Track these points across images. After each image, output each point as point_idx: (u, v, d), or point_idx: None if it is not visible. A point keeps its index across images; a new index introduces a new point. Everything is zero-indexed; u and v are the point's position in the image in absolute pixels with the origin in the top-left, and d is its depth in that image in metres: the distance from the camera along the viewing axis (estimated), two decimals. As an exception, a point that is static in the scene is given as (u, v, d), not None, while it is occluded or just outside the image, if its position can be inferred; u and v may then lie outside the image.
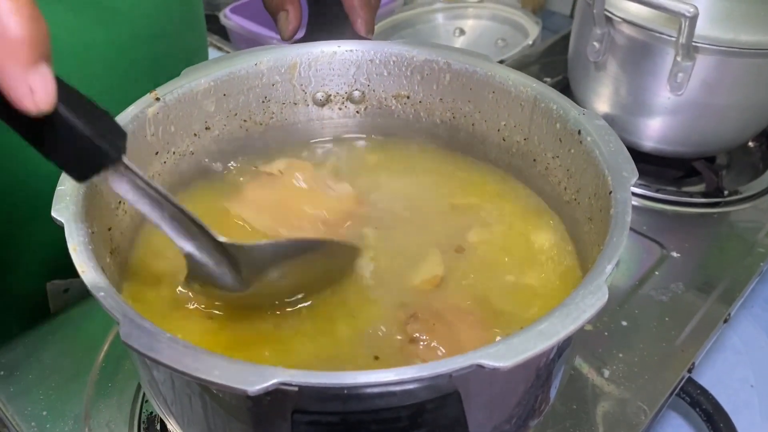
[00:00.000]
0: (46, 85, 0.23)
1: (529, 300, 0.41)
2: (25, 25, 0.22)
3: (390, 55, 0.50)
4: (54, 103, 0.24)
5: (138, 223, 0.43)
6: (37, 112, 0.23)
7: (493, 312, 0.40)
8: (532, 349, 0.28)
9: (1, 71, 0.22)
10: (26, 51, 0.22)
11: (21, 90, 0.23)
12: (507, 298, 0.41)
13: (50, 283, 0.58)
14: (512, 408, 0.35)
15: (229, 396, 0.32)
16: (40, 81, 0.23)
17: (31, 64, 0.23)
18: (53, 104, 0.24)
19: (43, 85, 0.23)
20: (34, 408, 0.48)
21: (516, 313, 0.40)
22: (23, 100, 0.23)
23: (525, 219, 0.46)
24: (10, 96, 0.23)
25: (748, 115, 0.69)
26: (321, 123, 0.53)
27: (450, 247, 0.44)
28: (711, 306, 0.59)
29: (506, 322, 0.39)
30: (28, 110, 0.23)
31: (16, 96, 0.23)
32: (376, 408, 0.29)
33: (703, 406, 0.56)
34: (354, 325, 0.38)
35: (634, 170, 0.38)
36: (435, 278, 0.41)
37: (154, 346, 0.28)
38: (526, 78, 0.46)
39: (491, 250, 0.44)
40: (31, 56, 0.22)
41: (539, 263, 0.43)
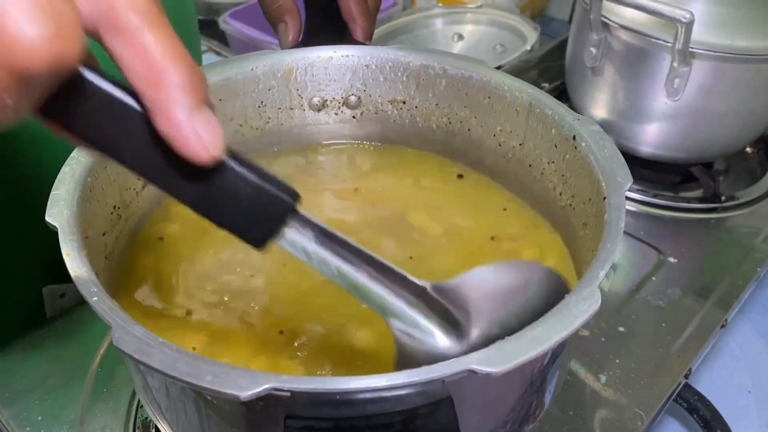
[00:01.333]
0: (213, 129, 0.22)
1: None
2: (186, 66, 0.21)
3: (386, 60, 0.50)
4: (222, 147, 0.22)
5: (133, 229, 0.44)
6: (209, 159, 0.22)
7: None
8: (524, 355, 0.28)
9: (169, 121, 0.21)
10: (190, 93, 0.21)
11: (190, 139, 0.21)
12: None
13: (46, 288, 0.58)
14: (506, 413, 0.35)
15: (223, 402, 0.32)
16: (206, 124, 0.21)
17: (195, 107, 0.21)
18: (222, 149, 0.22)
19: (211, 129, 0.22)
20: (29, 413, 0.48)
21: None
22: (195, 150, 0.21)
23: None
24: (180, 147, 0.21)
25: (745, 121, 0.69)
26: (317, 128, 0.53)
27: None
28: (708, 311, 0.59)
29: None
30: (200, 158, 0.22)
31: (186, 147, 0.21)
32: (368, 414, 0.29)
33: (701, 412, 0.56)
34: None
35: (629, 176, 0.38)
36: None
37: (146, 351, 0.28)
38: (521, 83, 0.46)
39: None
40: (195, 98, 0.21)
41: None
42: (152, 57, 0.20)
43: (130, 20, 0.20)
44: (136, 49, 0.20)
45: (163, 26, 0.21)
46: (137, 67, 0.20)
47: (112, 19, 0.20)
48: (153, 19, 0.21)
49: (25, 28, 0.18)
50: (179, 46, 0.21)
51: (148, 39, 0.20)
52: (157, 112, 0.21)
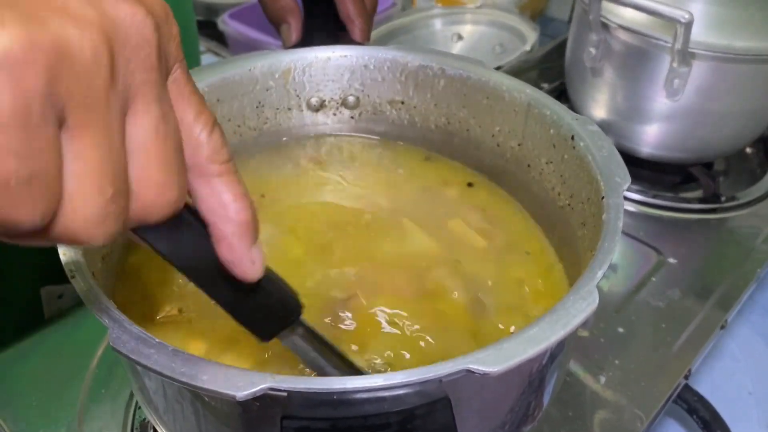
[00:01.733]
0: (261, 256, 0.27)
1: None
2: (251, 207, 0.26)
3: (384, 60, 0.50)
4: (264, 269, 0.27)
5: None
6: (254, 279, 0.27)
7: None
8: (522, 355, 0.28)
9: (233, 252, 0.26)
10: (252, 230, 0.26)
11: (245, 264, 0.26)
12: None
13: (44, 289, 0.58)
14: (504, 414, 0.35)
15: (220, 402, 0.31)
16: (257, 254, 0.27)
17: (254, 242, 0.26)
18: (263, 270, 0.27)
19: (260, 257, 0.27)
20: (27, 414, 0.48)
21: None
22: (247, 273, 0.27)
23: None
24: (236, 269, 0.26)
25: (745, 121, 0.69)
26: (315, 128, 0.53)
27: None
28: (708, 312, 0.59)
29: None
30: (250, 279, 0.27)
31: (241, 270, 0.26)
32: (366, 414, 0.29)
33: (701, 414, 0.55)
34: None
35: (627, 175, 0.38)
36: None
37: (143, 351, 0.28)
38: (519, 83, 0.46)
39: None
40: (255, 234, 0.26)
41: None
42: (228, 197, 0.25)
43: (216, 169, 0.25)
44: (216, 191, 0.25)
45: (234, 173, 0.26)
46: (215, 206, 0.25)
47: (201, 163, 0.25)
48: (229, 169, 0.25)
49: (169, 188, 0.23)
50: (245, 189, 0.26)
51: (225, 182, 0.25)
52: (223, 243, 0.26)
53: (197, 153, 0.24)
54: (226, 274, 0.27)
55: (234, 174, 0.26)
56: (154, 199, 0.23)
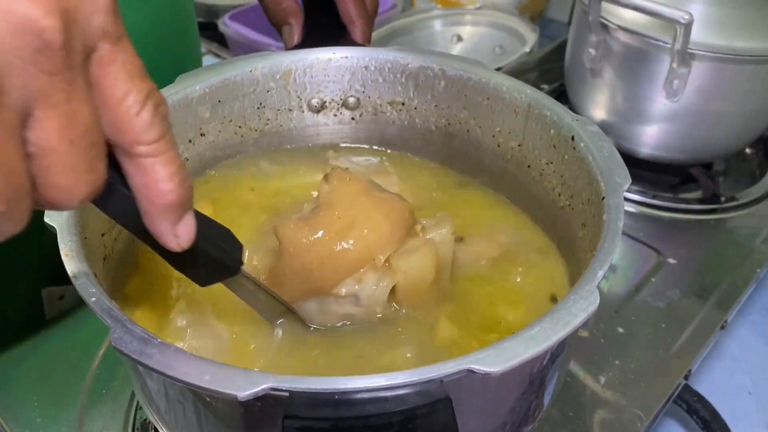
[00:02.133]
0: (188, 230, 0.28)
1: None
2: (177, 189, 0.26)
3: (385, 61, 0.50)
4: (192, 241, 0.28)
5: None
6: (179, 250, 0.28)
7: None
8: (523, 354, 0.28)
9: (156, 227, 0.27)
10: (176, 211, 0.26)
11: (169, 238, 0.27)
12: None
13: (45, 290, 0.58)
14: (505, 414, 0.35)
15: (222, 403, 0.31)
16: (184, 229, 0.27)
17: (178, 221, 0.27)
18: (192, 242, 0.28)
19: (186, 231, 0.27)
20: (29, 414, 0.48)
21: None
22: (170, 245, 0.28)
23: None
24: (160, 240, 0.27)
25: (744, 122, 0.69)
26: (316, 129, 0.53)
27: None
28: (708, 312, 0.59)
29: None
30: (173, 250, 0.28)
31: (164, 242, 0.27)
32: (367, 414, 0.29)
33: (701, 414, 0.55)
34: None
35: (627, 176, 0.38)
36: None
37: (145, 351, 0.28)
38: (520, 84, 0.46)
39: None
40: (180, 214, 0.27)
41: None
42: (152, 179, 0.25)
43: (142, 149, 0.24)
44: (142, 170, 0.25)
45: (166, 152, 0.25)
46: (140, 185, 0.25)
47: (126, 144, 0.24)
48: (157, 150, 0.25)
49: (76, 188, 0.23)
50: (175, 168, 0.26)
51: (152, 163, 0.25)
52: (147, 217, 0.26)
53: (123, 134, 0.24)
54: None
55: (164, 154, 0.25)
56: (60, 198, 0.23)
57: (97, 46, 0.23)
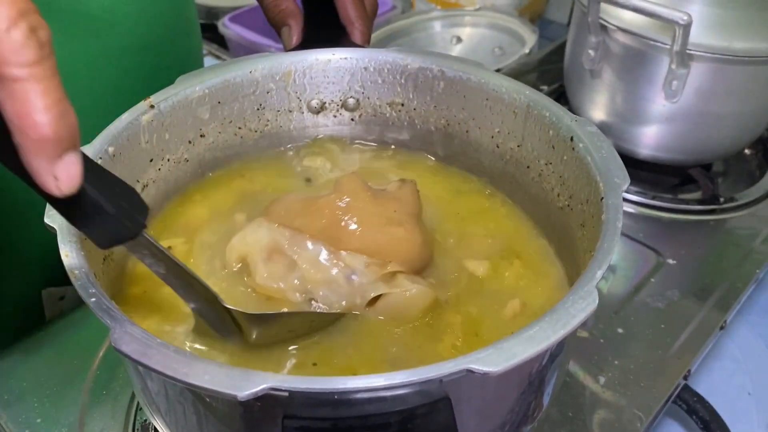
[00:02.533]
0: (69, 173, 0.25)
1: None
2: (54, 122, 0.24)
3: (384, 62, 0.50)
4: (76, 187, 0.26)
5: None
6: (61, 195, 0.26)
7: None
8: (522, 355, 0.28)
9: (30, 164, 0.25)
10: (52, 147, 0.24)
11: (46, 178, 0.25)
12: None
13: (46, 291, 0.58)
14: (505, 414, 0.35)
15: (222, 403, 0.32)
16: (63, 170, 0.25)
17: (56, 158, 0.25)
18: (76, 188, 0.26)
19: (67, 174, 0.25)
20: (29, 415, 0.48)
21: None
22: (48, 186, 0.25)
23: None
24: (38, 182, 0.25)
25: (743, 123, 0.69)
26: (316, 130, 0.53)
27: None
28: (707, 313, 0.59)
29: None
30: (53, 194, 0.26)
31: (41, 183, 0.25)
32: (366, 414, 0.29)
33: (700, 414, 0.56)
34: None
35: (626, 176, 0.38)
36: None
37: (145, 351, 0.28)
38: (519, 85, 0.46)
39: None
40: (57, 151, 0.25)
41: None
42: (25, 108, 0.23)
43: (13, 72, 0.23)
44: (13, 97, 0.23)
45: (43, 81, 0.23)
46: (11, 114, 0.23)
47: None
48: (33, 73, 0.23)
49: None
50: (53, 99, 0.24)
51: (25, 89, 0.23)
52: (23, 153, 0.24)
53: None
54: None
55: (41, 82, 0.23)
56: None
57: None
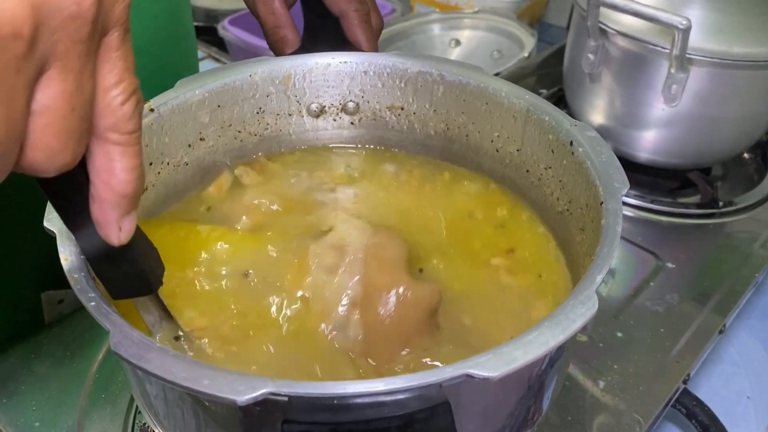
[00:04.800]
0: (130, 227, 0.28)
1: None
2: (136, 182, 0.27)
3: (384, 66, 0.50)
4: (129, 239, 0.28)
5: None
6: (117, 244, 0.28)
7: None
8: (521, 359, 0.28)
9: (104, 214, 0.27)
10: (128, 203, 0.27)
11: (112, 229, 0.27)
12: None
13: (45, 294, 0.58)
14: (504, 419, 0.35)
15: (221, 407, 0.31)
16: (128, 224, 0.28)
17: (127, 213, 0.27)
18: (129, 240, 0.28)
19: (128, 227, 0.28)
20: (27, 419, 0.48)
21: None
22: (111, 236, 0.28)
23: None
24: (102, 230, 0.27)
25: (742, 127, 0.69)
26: (315, 134, 0.53)
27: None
28: (706, 317, 0.59)
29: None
30: (111, 242, 0.28)
31: (106, 232, 0.27)
32: (366, 418, 0.29)
33: (699, 418, 0.55)
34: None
35: (625, 181, 0.38)
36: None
37: (144, 355, 0.28)
38: (518, 89, 0.46)
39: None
40: (130, 207, 0.27)
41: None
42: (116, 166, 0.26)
43: (115, 137, 0.25)
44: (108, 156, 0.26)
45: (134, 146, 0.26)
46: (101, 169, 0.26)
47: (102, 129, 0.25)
48: (129, 141, 0.26)
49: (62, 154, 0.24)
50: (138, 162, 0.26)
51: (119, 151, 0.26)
52: (98, 203, 0.27)
53: (104, 118, 0.25)
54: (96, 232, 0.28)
55: (133, 147, 0.26)
56: (44, 160, 0.23)
57: (110, 32, 0.24)
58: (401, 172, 0.52)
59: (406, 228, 0.46)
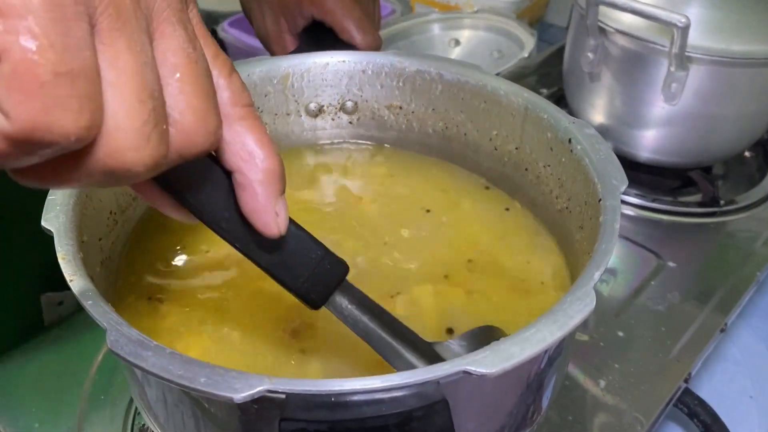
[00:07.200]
0: (286, 211, 0.26)
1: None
2: (275, 156, 0.25)
3: (382, 65, 0.50)
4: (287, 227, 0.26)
5: (129, 234, 0.44)
6: (278, 235, 0.26)
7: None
8: (519, 356, 0.28)
9: (258, 200, 0.25)
10: (279, 181, 0.25)
11: (269, 216, 0.25)
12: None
13: (45, 296, 0.58)
14: (503, 418, 0.35)
15: (220, 409, 0.31)
16: (283, 207, 0.25)
17: (279, 194, 0.25)
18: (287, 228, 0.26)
19: (285, 211, 0.26)
20: (27, 420, 0.48)
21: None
22: (269, 224, 0.25)
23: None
24: (258, 220, 0.25)
25: (743, 125, 0.69)
26: (314, 133, 0.53)
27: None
28: (708, 315, 0.59)
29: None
30: (273, 234, 0.26)
31: (263, 221, 0.25)
32: (363, 416, 0.29)
33: (701, 417, 0.55)
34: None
35: (624, 178, 0.38)
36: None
37: (141, 353, 0.28)
38: (516, 87, 0.46)
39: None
40: (281, 186, 0.25)
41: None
42: (253, 142, 0.24)
43: (238, 111, 0.24)
44: (241, 134, 0.24)
45: (259, 120, 0.24)
46: (240, 152, 0.24)
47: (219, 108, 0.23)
48: (252, 113, 0.24)
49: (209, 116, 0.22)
50: (270, 139, 0.25)
51: (249, 126, 0.24)
52: (247, 191, 0.24)
53: (220, 92, 0.23)
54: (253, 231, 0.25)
55: (257, 119, 0.24)
56: (196, 127, 0.21)
57: (190, 5, 0.23)
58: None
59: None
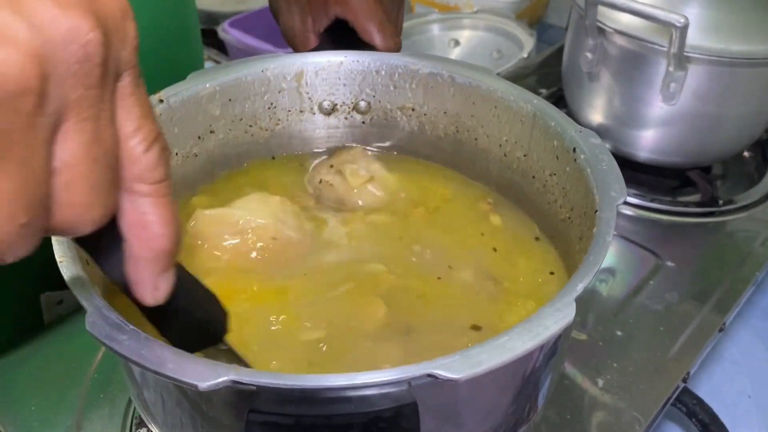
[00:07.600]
0: (167, 285, 0.26)
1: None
2: (172, 236, 0.25)
3: (396, 67, 0.50)
4: (168, 296, 0.26)
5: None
6: (153, 304, 0.26)
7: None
8: (487, 363, 0.27)
9: (138, 273, 0.25)
10: (165, 259, 0.25)
11: (146, 288, 0.25)
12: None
13: (44, 295, 0.58)
14: (500, 416, 0.35)
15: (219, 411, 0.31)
16: (165, 282, 0.26)
17: (164, 271, 0.25)
18: (167, 298, 0.26)
19: (166, 286, 0.26)
20: (26, 419, 0.48)
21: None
22: (145, 297, 0.26)
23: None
24: (135, 290, 0.25)
25: (741, 125, 0.69)
26: (327, 132, 0.53)
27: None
28: (706, 315, 0.59)
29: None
30: (147, 303, 0.26)
31: (141, 292, 0.26)
32: (330, 413, 0.29)
33: (700, 417, 0.55)
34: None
35: (623, 190, 0.37)
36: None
37: (116, 336, 0.28)
38: (526, 93, 0.46)
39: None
40: (167, 264, 0.25)
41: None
42: (149, 220, 0.24)
43: (143, 188, 0.24)
44: (138, 210, 0.24)
45: (166, 196, 0.25)
46: (133, 225, 0.24)
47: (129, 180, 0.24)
48: (159, 190, 0.24)
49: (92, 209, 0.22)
50: (172, 214, 0.25)
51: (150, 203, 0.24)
52: (132, 262, 0.25)
53: (128, 168, 0.23)
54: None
55: (165, 197, 0.24)
56: (75, 219, 0.22)
57: (122, 76, 0.23)
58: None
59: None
